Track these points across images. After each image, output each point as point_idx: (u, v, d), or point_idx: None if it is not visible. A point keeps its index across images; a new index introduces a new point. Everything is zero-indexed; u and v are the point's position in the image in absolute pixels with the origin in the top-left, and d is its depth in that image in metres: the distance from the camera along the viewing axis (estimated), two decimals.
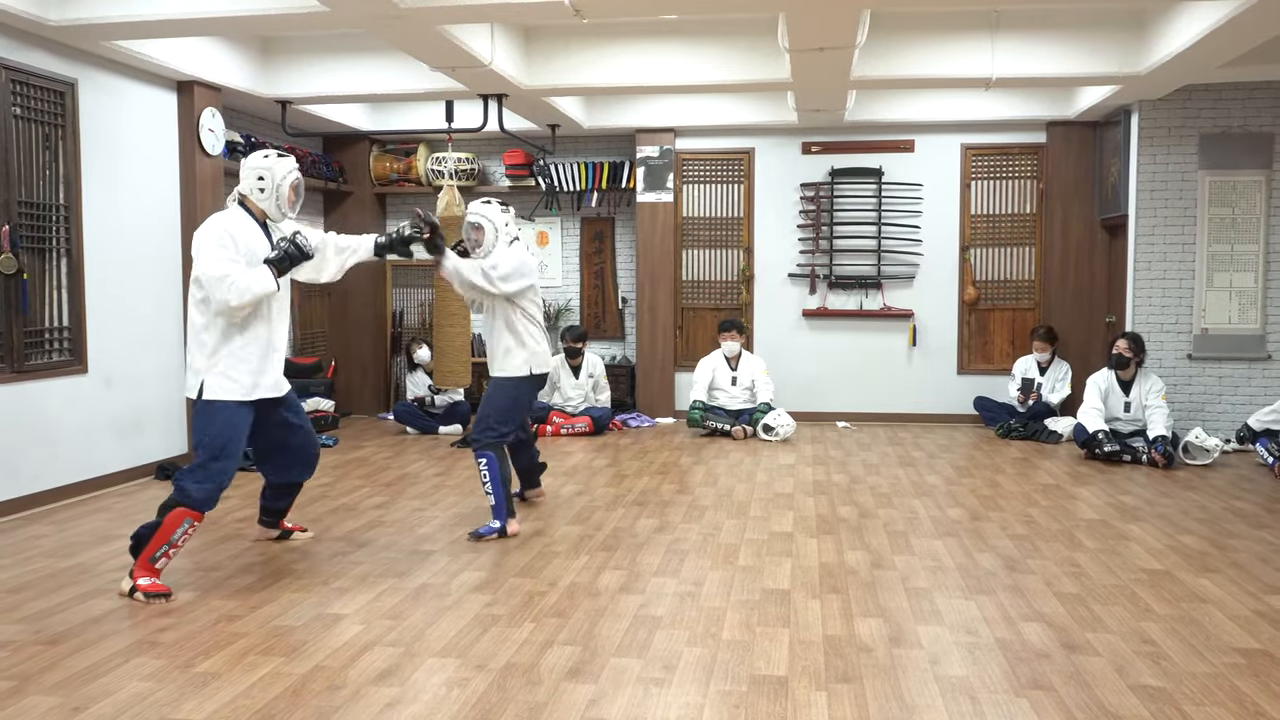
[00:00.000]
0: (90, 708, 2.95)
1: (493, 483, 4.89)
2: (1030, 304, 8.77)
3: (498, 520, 4.89)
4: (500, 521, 4.89)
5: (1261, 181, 7.55)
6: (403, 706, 2.96)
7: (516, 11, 5.42)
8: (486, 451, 4.92)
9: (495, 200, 5.11)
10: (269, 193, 4.26)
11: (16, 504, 5.42)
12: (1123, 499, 5.79)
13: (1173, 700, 3.00)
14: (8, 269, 5.35)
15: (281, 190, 4.27)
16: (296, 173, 4.36)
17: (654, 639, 3.51)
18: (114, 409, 6.15)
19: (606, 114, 8.76)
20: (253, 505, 5.58)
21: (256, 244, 4.24)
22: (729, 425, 8.02)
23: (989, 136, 8.71)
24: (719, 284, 9.12)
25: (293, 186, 4.32)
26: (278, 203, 4.28)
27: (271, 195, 4.26)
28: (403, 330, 9.57)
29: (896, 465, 6.87)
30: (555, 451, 7.31)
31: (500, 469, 4.91)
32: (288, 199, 4.31)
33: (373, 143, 9.23)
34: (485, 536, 4.85)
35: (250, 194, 4.27)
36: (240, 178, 4.31)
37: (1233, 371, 7.64)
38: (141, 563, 3.97)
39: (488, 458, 4.91)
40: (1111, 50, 6.62)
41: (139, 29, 5.57)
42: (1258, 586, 4.12)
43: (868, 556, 4.58)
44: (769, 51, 6.75)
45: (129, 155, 6.31)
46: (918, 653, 3.38)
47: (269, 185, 4.25)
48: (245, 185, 4.28)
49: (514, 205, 9.41)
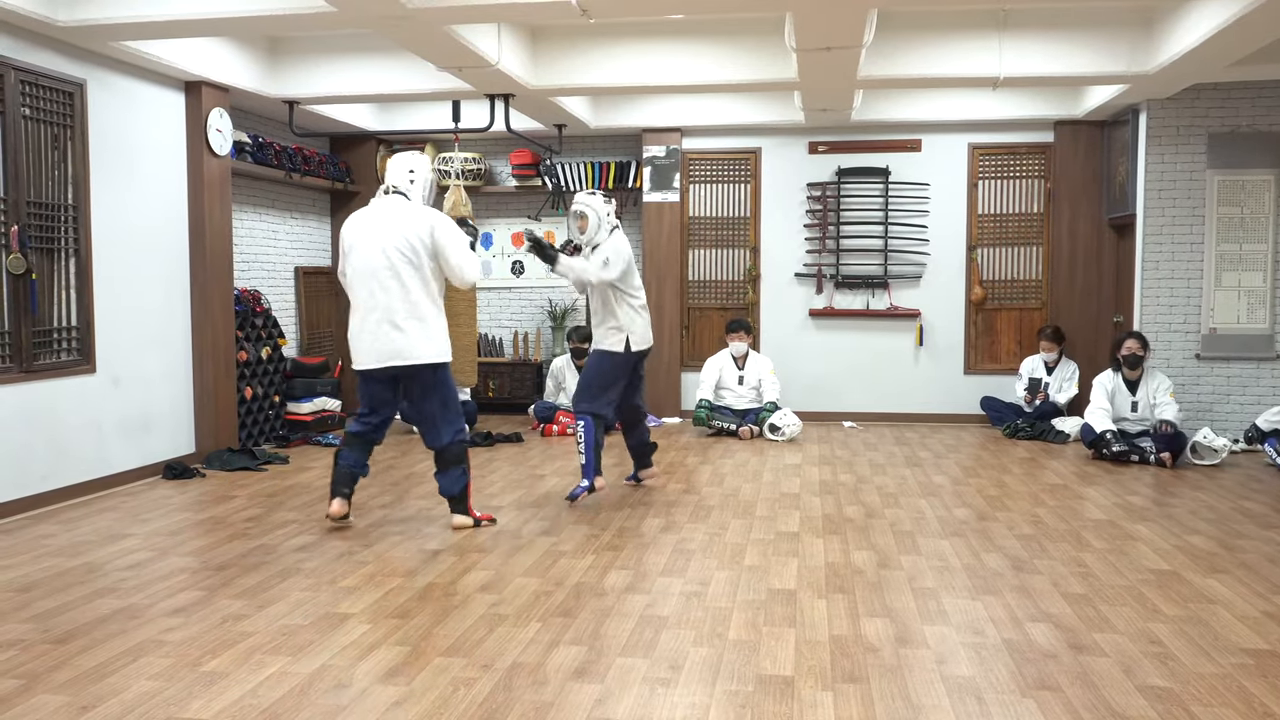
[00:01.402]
0: (98, 706, 2.96)
1: (586, 445, 5.45)
2: (1037, 304, 8.75)
3: (586, 479, 5.48)
4: (589, 479, 5.48)
5: (1270, 181, 7.53)
6: (409, 705, 2.96)
7: (523, 11, 5.42)
8: (586, 416, 5.47)
9: (599, 191, 5.72)
10: (419, 185, 4.93)
11: (25, 503, 5.44)
12: (1130, 499, 5.77)
13: (1180, 701, 2.99)
14: (16, 269, 5.37)
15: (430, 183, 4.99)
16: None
17: (660, 639, 3.51)
18: (122, 409, 6.17)
19: (613, 114, 8.77)
20: (259, 505, 5.61)
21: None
22: (735, 425, 8.02)
23: (996, 136, 8.70)
24: (725, 284, 9.12)
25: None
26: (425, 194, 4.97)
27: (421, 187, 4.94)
28: None
29: (903, 465, 6.86)
30: (562, 451, 7.32)
31: (595, 434, 5.46)
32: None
33: (380, 143, 9.24)
34: (577, 496, 5.46)
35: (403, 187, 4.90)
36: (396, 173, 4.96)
37: (1241, 371, 7.61)
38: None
39: (585, 421, 5.46)
40: (1119, 49, 6.60)
41: (147, 29, 5.59)
42: (1266, 587, 4.11)
43: (874, 556, 4.57)
44: (776, 51, 6.74)
45: (137, 156, 6.33)
46: (924, 653, 3.38)
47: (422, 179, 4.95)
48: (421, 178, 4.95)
49: (520, 205, 9.52)
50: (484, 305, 9.54)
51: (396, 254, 4.72)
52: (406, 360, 4.76)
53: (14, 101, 5.37)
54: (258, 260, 8.07)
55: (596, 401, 5.49)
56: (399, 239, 4.71)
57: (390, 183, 4.91)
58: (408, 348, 4.75)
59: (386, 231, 4.74)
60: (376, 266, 4.73)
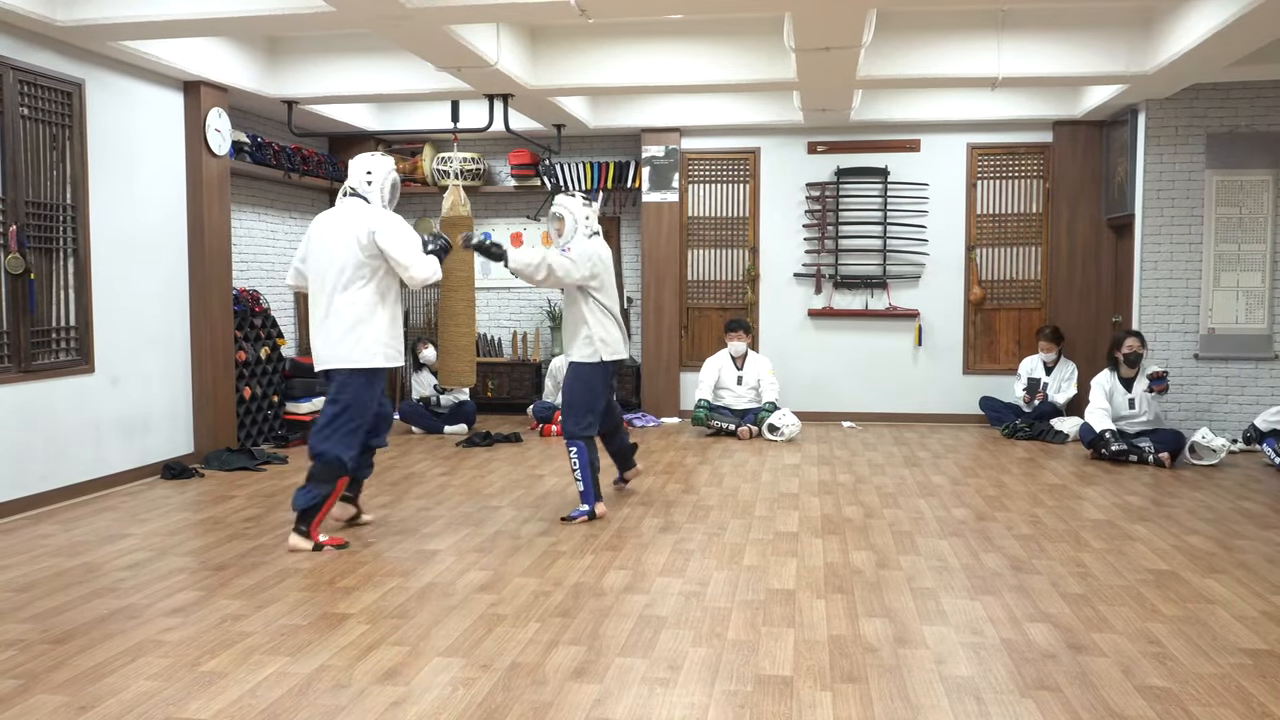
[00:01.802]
0: (97, 706, 2.96)
1: (582, 470, 5.23)
2: (1036, 304, 8.76)
3: (586, 504, 5.24)
4: (589, 505, 5.24)
5: (1269, 181, 7.53)
6: (408, 706, 2.96)
7: (522, 11, 5.42)
8: (577, 441, 5.23)
9: (580, 194, 5.46)
10: (377, 186, 4.77)
11: (24, 503, 5.44)
12: (1129, 499, 5.77)
13: (1179, 701, 2.99)
14: (15, 269, 5.37)
15: (389, 185, 4.82)
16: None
17: (659, 639, 3.51)
18: (121, 408, 6.17)
19: (612, 114, 8.76)
20: (258, 505, 5.61)
21: None
22: (734, 425, 8.02)
23: (995, 136, 8.70)
24: (724, 284, 9.12)
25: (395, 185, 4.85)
26: (384, 197, 4.79)
27: (379, 190, 4.78)
28: (407, 330, 9.58)
29: (902, 465, 6.86)
30: (561, 451, 7.32)
31: (589, 456, 5.24)
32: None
33: (378, 142, 9.23)
34: (576, 519, 5.19)
35: (360, 187, 4.77)
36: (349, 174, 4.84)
37: (1239, 371, 7.62)
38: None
39: (578, 447, 5.23)
40: (1118, 49, 6.60)
41: (146, 29, 5.59)
42: (1265, 587, 4.11)
43: (873, 556, 4.57)
44: (775, 51, 6.74)
45: (136, 155, 6.32)
46: (923, 653, 3.38)
47: (381, 180, 4.78)
48: (380, 180, 4.79)
49: (519, 205, 9.51)
50: (483, 305, 9.54)
51: (342, 257, 4.63)
52: (329, 364, 4.66)
53: (12, 101, 5.37)
54: (256, 260, 8.07)
55: (583, 423, 5.25)
56: (348, 240, 4.63)
57: (348, 184, 4.81)
58: (334, 352, 4.64)
59: (338, 234, 4.67)
60: (325, 269, 4.66)
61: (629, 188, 9.13)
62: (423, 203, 9.55)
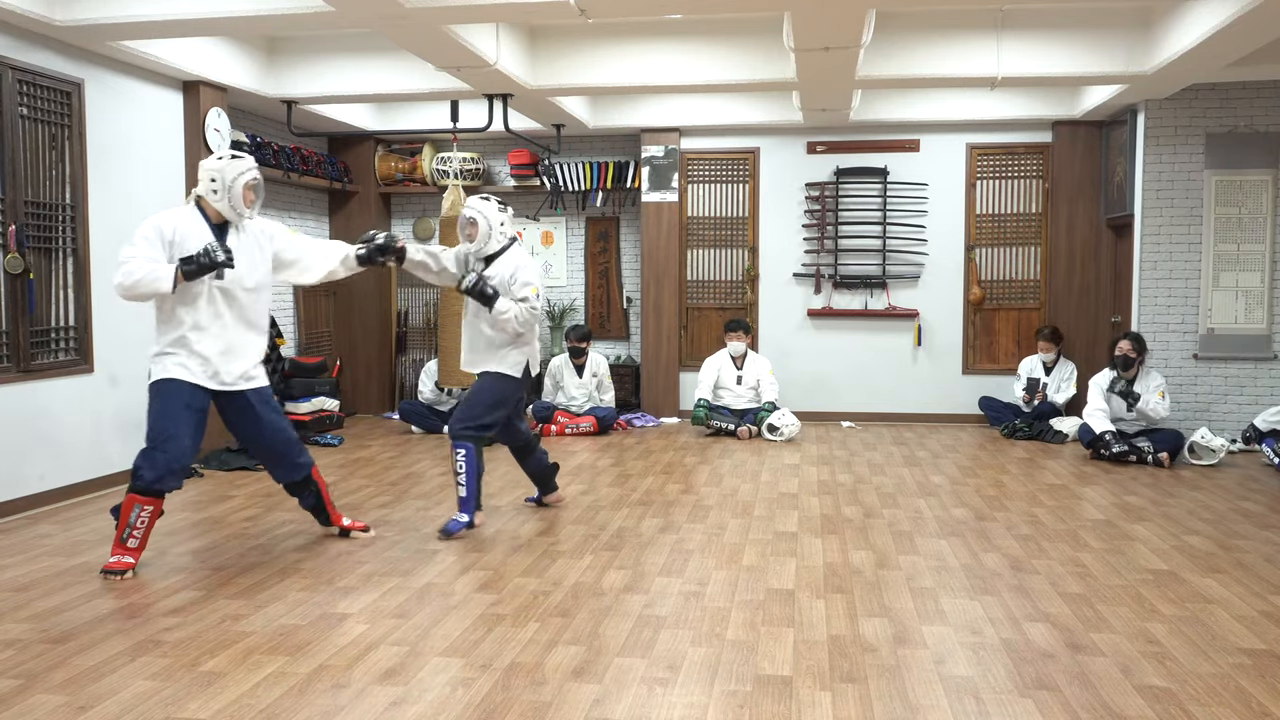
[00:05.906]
0: (96, 706, 2.96)
1: (468, 474, 4.88)
2: (1035, 304, 8.76)
3: (465, 513, 4.91)
4: (468, 514, 4.91)
5: (1268, 181, 7.53)
6: (407, 706, 2.96)
7: (522, 11, 5.42)
8: (466, 443, 4.87)
9: (495, 199, 5.07)
10: (221, 194, 4.33)
11: (23, 503, 5.43)
12: (1128, 499, 5.77)
13: (1178, 701, 2.99)
14: (14, 269, 5.37)
15: (234, 191, 4.33)
16: (253, 173, 4.40)
17: (658, 639, 3.51)
18: (120, 408, 6.16)
19: (612, 114, 8.76)
20: (257, 504, 5.60)
21: (196, 244, 4.28)
22: (734, 425, 8.02)
23: (994, 136, 8.70)
24: (724, 284, 9.12)
25: (248, 186, 4.38)
26: (231, 203, 4.35)
27: (224, 196, 4.33)
28: (407, 330, 9.58)
29: (901, 465, 6.86)
30: (560, 451, 7.31)
31: (476, 461, 4.91)
32: (242, 199, 4.36)
33: (378, 142, 9.24)
34: (455, 533, 4.86)
35: (205, 195, 4.36)
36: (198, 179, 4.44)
37: (1239, 371, 7.62)
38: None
39: (466, 449, 4.87)
40: (1117, 49, 6.60)
41: (145, 29, 5.58)
42: (1264, 587, 4.11)
43: (872, 556, 4.57)
44: (774, 51, 6.74)
45: (135, 155, 6.32)
46: (922, 653, 3.38)
47: (220, 187, 4.33)
48: (200, 187, 4.38)
49: (519, 205, 9.50)
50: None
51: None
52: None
53: (11, 101, 5.37)
54: None
55: (477, 424, 4.88)
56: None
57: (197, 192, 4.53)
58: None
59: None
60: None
61: (628, 188, 9.13)
62: (422, 203, 9.56)
